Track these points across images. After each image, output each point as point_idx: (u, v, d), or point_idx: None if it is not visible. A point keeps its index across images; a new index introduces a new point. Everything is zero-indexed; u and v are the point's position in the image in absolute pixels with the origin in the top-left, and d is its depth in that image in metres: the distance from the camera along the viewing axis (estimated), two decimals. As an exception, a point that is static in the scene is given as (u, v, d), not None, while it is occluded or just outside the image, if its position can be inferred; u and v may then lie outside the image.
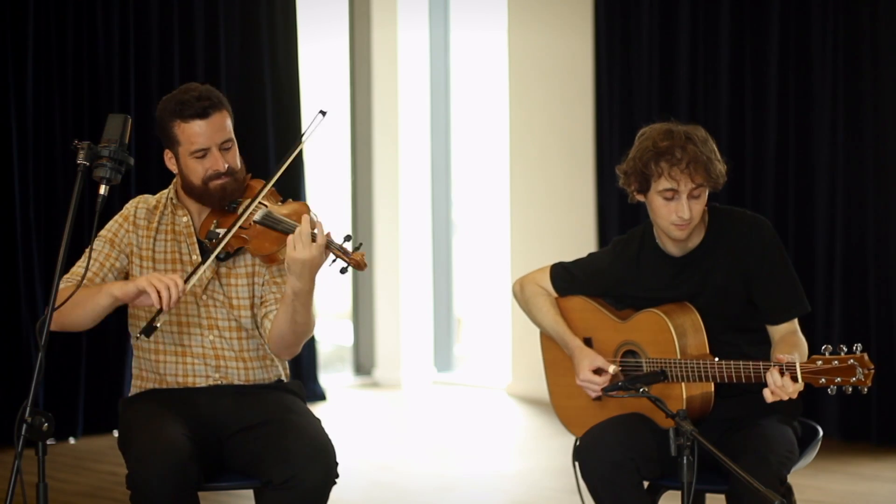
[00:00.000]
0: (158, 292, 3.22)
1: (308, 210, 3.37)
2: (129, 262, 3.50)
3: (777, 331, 3.50)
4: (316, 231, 3.22)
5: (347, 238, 3.26)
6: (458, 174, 8.70)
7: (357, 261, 3.23)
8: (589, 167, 7.37)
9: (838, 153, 6.27)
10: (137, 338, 3.43)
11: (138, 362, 3.55)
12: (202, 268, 3.39)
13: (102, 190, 3.02)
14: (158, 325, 3.33)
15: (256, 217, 3.37)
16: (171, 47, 6.96)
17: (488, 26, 8.43)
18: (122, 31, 6.77)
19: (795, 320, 3.50)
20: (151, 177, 6.68)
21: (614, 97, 7.10)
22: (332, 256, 3.26)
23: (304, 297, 3.30)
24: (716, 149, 3.47)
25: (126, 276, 3.50)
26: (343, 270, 3.24)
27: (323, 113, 3.38)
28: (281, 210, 3.41)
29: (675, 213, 3.44)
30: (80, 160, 2.99)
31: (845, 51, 6.23)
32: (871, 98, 6.19)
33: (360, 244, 3.28)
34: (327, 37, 8.49)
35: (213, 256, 3.40)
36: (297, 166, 7.52)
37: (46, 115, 6.53)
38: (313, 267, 3.24)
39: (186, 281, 3.31)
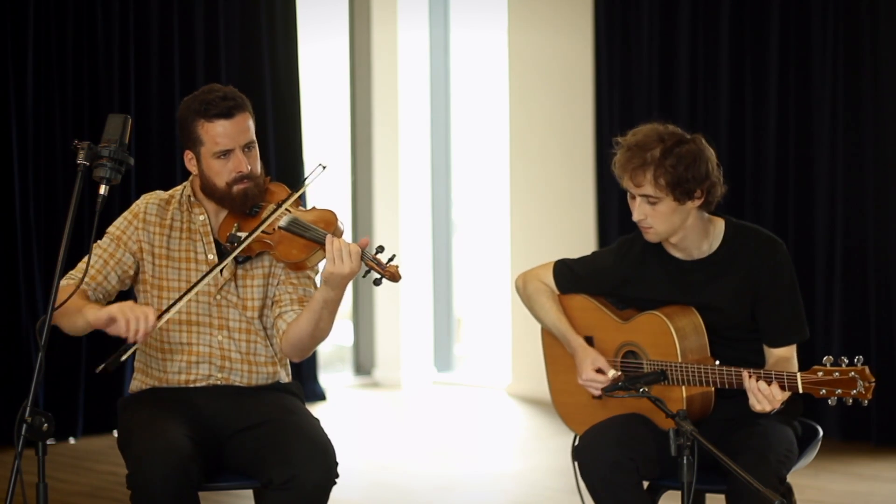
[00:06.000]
0: (128, 323, 3.19)
1: (336, 218, 3.38)
2: (140, 260, 3.48)
3: (772, 354, 3.48)
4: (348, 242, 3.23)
5: (380, 249, 3.26)
6: (458, 174, 8.70)
7: (392, 272, 3.23)
8: (589, 167, 7.37)
9: (838, 154, 6.27)
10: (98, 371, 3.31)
11: (143, 357, 3.54)
12: (181, 301, 3.32)
13: (102, 190, 3.02)
14: (124, 358, 3.24)
15: (282, 223, 3.35)
16: (171, 47, 6.95)
17: (488, 26, 8.43)
18: (122, 31, 6.76)
19: (793, 347, 3.48)
20: (152, 177, 6.68)
21: (614, 97, 7.10)
22: (364, 268, 3.26)
23: (333, 306, 3.34)
24: (695, 161, 3.32)
25: (134, 274, 3.49)
26: (377, 282, 3.25)
27: (323, 167, 3.40)
28: (307, 216, 3.39)
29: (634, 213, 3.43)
30: (80, 160, 2.99)
31: (845, 51, 6.23)
32: (871, 98, 6.19)
33: (394, 255, 3.27)
34: (327, 37, 8.48)
35: (229, 259, 3.38)
36: (297, 166, 7.52)
37: (46, 115, 6.53)
38: (351, 278, 3.27)
39: (160, 317, 3.28)
